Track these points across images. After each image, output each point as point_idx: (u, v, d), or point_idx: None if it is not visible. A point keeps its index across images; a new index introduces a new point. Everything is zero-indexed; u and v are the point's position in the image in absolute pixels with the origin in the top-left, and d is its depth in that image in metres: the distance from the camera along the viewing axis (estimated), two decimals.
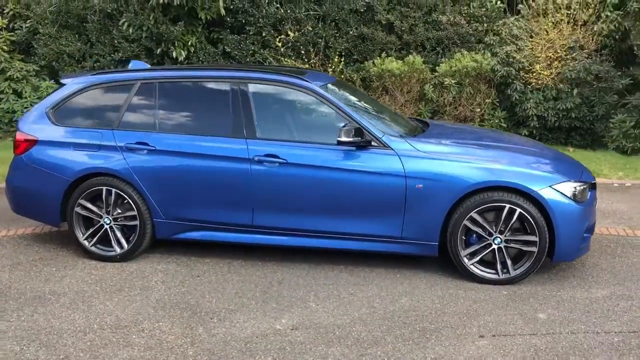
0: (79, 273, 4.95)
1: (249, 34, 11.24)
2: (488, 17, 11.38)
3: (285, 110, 5.14)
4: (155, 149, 4.98)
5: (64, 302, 4.41)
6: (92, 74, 5.41)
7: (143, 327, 4.02)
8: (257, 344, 3.79)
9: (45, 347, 3.77)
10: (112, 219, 5.10)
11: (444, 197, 4.62)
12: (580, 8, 10.37)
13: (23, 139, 5.25)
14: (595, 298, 4.44)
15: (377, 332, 3.93)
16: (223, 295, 4.53)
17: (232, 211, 4.94)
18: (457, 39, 11.17)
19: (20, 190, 5.32)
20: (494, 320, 4.09)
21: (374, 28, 11.18)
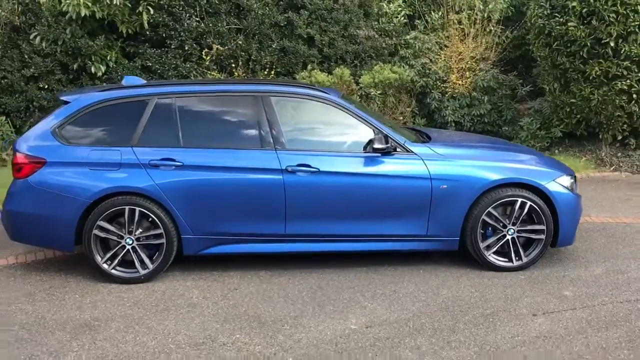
0: (109, 297, 4.77)
1: (170, 48, 11.08)
2: (396, 32, 12.17)
3: (309, 121, 5.33)
4: (183, 164, 4.95)
5: (119, 327, 4.26)
6: (99, 91, 5.22)
7: (223, 342, 4.03)
8: (346, 344, 3.97)
9: None
10: (134, 239, 4.96)
11: (465, 196, 5.08)
12: (470, 24, 11.45)
13: (27, 161, 4.95)
14: (597, 275, 5.13)
15: (447, 322, 4.27)
16: (274, 304, 4.62)
17: (264, 222, 5.04)
18: (372, 52, 11.83)
19: (25, 216, 5.00)
20: (533, 301, 4.60)
21: (295, 42, 11.51)
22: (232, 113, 5.20)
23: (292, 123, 5.20)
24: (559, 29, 9.49)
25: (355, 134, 5.18)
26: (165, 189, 4.91)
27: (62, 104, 5.20)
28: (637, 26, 8.85)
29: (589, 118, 9.87)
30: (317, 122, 5.34)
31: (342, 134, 5.26)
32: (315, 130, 5.35)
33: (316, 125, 5.35)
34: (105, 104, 5.09)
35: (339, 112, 5.20)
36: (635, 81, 9.14)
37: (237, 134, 5.17)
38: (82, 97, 5.12)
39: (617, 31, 8.94)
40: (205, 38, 11.23)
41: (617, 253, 5.65)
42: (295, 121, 5.25)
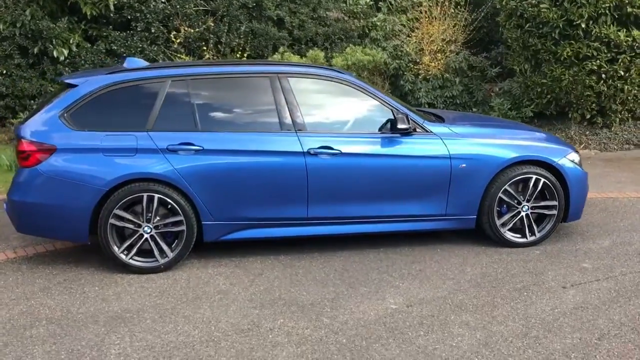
0: (131, 288, 4.61)
1: (136, 31, 10.72)
2: (364, 14, 12.18)
3: (327, 102, 5.26)
4: (203, 148, 4.80)
5: (154, 318, 4.12)
6: (108, 73, 4.99)
7: (270, 327, 3.96)
8: (394, 323, 3.97)
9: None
10: (152, 227, 4.80)
11: (483, 174, 5.16)
12: (434, 6, 11.57)
13: (35, 148, 4.69)
14: (606, 247, 5.32)
15: (483, 298, 4.34)
16: (305, 287, 4.58)
17: (285, 205, 4.96)
18: (342, 34, 11.80)
19: (35, 206, 4.74)
20: (557, 274, 4.74)
21: (265, 24, 11.34)
22: (249, 95, 5.07)
23: (311, 104, 5.12)
24: (531, 10, 9.71)
25: (374, 114, 5.16)
26: (185, 175, 4.75)
27: (67, 87, 4.93)
28: (607, 8, 9.14)
29: (560, 98, 10.17)
30: (335, 103, 5.28)
31: (361, 114, 5.23)
32: (334, 112, 5.29)
33: (334, 107, 5.29)
34: (117, 86, 4.87)
35: (357, 92, 5.17)
36: (605, 62, 9.47)
37: (255, 116, 5.06)
38: (90, 80, 4.87)
39: (588, 13, 9.22)
40: (172, 20, 10.91)
41: (616, 226, 5.87)
42: (314, 102, 5.17)
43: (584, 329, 3.82)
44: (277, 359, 3.58)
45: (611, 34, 9.25)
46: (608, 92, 9.73)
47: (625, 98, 9.83)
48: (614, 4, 9.15)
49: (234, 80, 5.07)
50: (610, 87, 9.67)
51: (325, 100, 5.26)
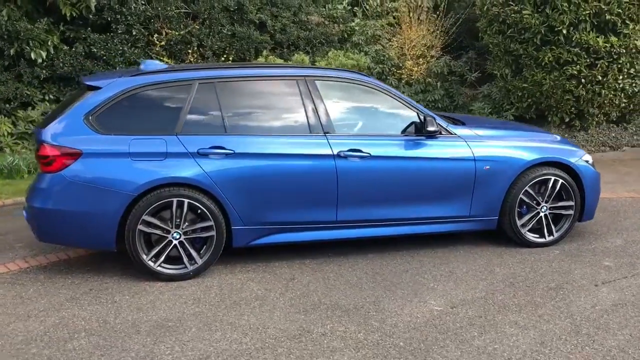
0: (163, 296, 4.48)
1: (116, 33, 10.47)
2: (343, 19, 12.24)
3: (354, 105, 5.26)
4: (234, 152, 4.72)
5: (198, 326, 4.02)
6: (132, 75, 4.84)
7: (321, 332, 3.92)
8: (445, 325, 3.99)
9: None
10: (181, 232, 4.68)
11: (506, 175, 5.25)
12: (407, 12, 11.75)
13: (59, 153, 4.50)
14: (621, 246, 5.48)
15: (522, 297, 4.41)
16: (342, 291, 4.55)
17: (315, 209, 4.93)
18: (323, 38, 11.82)
19: (59, 213, 4.55)
20: (584, 273, 4.85)
21: (247, 27, 11.27)
22: (277, 98, 5.02)
23: (337, 107, 5.10)
24: (513, 16, 9.95)
25: (398, 117, 5.18)
26: (216, 179, 4.66)
27: (89, 89, 4.77)
28: (587, 15, 9.45)
29: (540, 102, 10.45)
30: (360, 105, 5.29)
31: (386, 117, 5.25)
32: (360, 114, 5.29)
33: (360, 109, 5.30)
34: (143, 89, 4.73)
35: (381, 94, 5.18)
36: (584, 67, 9.77)
37: (284, 119, 5.00)
38: (116, 82, 4.72)
39: (569, 19, 9.51)
40: (154, 22, 10.70)
41: (622, 226, 6.06)
42: (340, 105, 5.16)
43: (631, 326, 3.93)
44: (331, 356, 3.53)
45: (590, 40, 9.56)
46: (586, 96, 10.05)
47: (602, 102, 10.17)
48: (594, 12, 9.46)
49: (261, 82, 5.01)
50: (589, 91, 9.99)
51: (351, 103, 5.25)
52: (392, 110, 5.21)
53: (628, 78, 9.95)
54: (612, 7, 9.36)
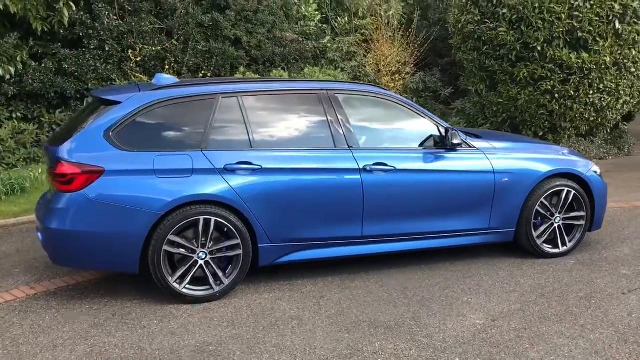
0: (193, 319, 4.29)
1: (89, 48, 10.16)
2: (316, 35, 12.28)
3: (373, 118, 5.21)
4: (262, 167, 4.59)
5: (242, 349, 3.85)
6: (153, 89, 4.65)
7: (372, 350, 3.82)
8: (493, 338, 3.95)
9: None
10: (207, 252, 4.51)
11: (523, 187, 5.30)
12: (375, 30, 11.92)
13: (80, 171, 4.27)
14: (630, 254, 5.60)
15: (558, 307, 4.43)
16: (377, 307, 4.46)
17: (341, 224, 4.84)
18: (297, 55, 11.80)
19: (80, 235, 4.30)
20: (607, 282, 4.93)
21: (222, 43, 11.14)
22: (301, 112, 4.93)
23: (359, 121, 5.04)
24: (489, 33, 10.19)
25: (419, 130, 5.17)
26: (243, 195, 4.51)
27: (106, 104, 4.55)
28: (561, 32, 9.77)
29: (515, 116, 10.70)
30: (381, 119, 5.25)
31: (406, 130, 5.22)
32: (381, 128, 5.25)
33: (381, 123, 5.26)
34: (165, 103, 4.56)
35: (400, 108, 5.18)
36: (558, 82, 10.08)
37: (308, 133, 4.91)
38: (136, 97, 4.53)
39: (543, 36, 9.80)
40: (127, 38, 10.43)
41: (624, 235, 6.21)
42: (362, 119, 5.10)
43: None
44: None
45: (564, 56, 9.87)
46: (559, 110, 10.36)
47: (574, 116, 10.49)
48: (567, 29, 9.78)
49: (284, 96, 4.91)
50: (561, 106, 10.30)
51: (371, 116, 5.21)
52: (411, 123, 5.20)
53: (597, 93, 10.30)
54: (583, 24, 9.70)
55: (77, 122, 4.67)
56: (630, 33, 9.92)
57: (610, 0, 9.63)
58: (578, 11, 9.64)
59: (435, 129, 5.15)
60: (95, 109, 4.61)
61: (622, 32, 9.89)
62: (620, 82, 10.34)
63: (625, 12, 9.78)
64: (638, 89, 10.82)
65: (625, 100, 10.67)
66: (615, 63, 10.11)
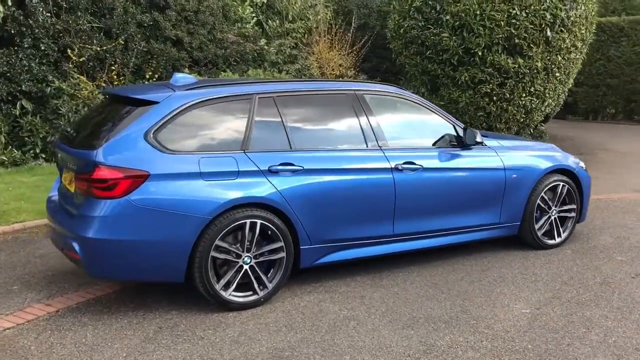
0: (248, 326, 4.15)
1: (22, 47, 9.47)
2: (254, 37, 12.22)
3: (397, 118, 5.29)
4: (303, 168, 4.53)
5: (320, 352, 3.79)
6: (189, 89, 4.45)
7: (445, 345, 3.89)
8: (549, 325, 4.15)
9: None
10: (252, 256, 4.39)
11: (528, 183, 5.61)
12: (303, 35, 12.12)
13: (122, 175, 4.00)
14: (614, 242, 6.08)
15: (588, 294, 4.73)
16: (423, 303, 4.53)
17: (374, 223, 4.88)
18: (238, 56, 11.68)
19: (124, 244, 4.03)
20: (612, 267, 5.32)
21: (163, 44, 10.80)
22: (333, 112, 4.92)
23: (385, 120, 5.10)
24: (433, 39, 10.61)
25: (438, 129, 5.33)
26: (288, 197, 4.43)
27: (140, 104, 4.30)
28: (500, 38, 10.37)
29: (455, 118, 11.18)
30: (403, 118, 5.34)
31: (427, 129, 5.35)
32: (405, 127, 5.34)
33: (404, 122, 5.35)
34: (203, 104, 4.38)
35: (420, 108, 5.32)
36: (496, 85, 10.69)
37: (342, 133, 4.91)
38: (174, 96, 4.31)
39: (484, 42, 10.36)
40: (64, 37, 9.81)
41: (600, 225, 6.67)
42: (387, 118, 5.15)
43: None
44: None
45: (502, 61, 10.48)
46: (496, 112, 10.98)
47: (508, 117, 11.17)
48: (505, 35, 10.40)
49: (317, 97, 4.87)
50: (498, 108, 10.92)
51: (394, 116, 5.28)
52: (429, 121, 5.34)
53: (529, 96, 11.02)
54: (520, 32, 10.35)
55: (102, 122, 4.37)
56: (558, 40, 10.71)
57: (543, 10, 10.33)
58: (515, 19, 10.26)
59: (451, 128, 5.31)
60: (122, 109, 4.32)
61: (552, 40, 10.65)
62: (547, 85, 11.13)
63: (555, 21, 10.55)
64: (559, 93, 11.70)
65: (548, 103, 11.50)
66: (544, 68, 10.86)
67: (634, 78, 18.25)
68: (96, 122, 4.56)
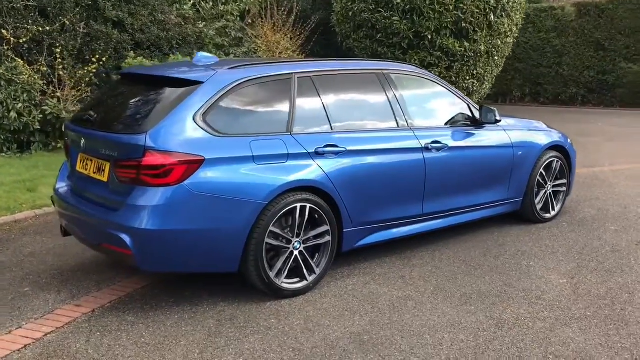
0: (312, 313, 4.02)
1: None
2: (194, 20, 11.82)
3: (419, 97, 5.28)
4: (346, 149, 4.45)
5: (407, 335, 3.78)
6: (230, 68, 4.22)
7: (514, 317, 3.98)
8: (594, 293, 4.33)
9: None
10: (301, 241, 4.28)
11: (531, 159, 5.83)
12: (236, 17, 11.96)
13: (176, 161, 3.75)
14: (598, 214, 6.44)
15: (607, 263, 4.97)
16: (464, 280, 4.58)
17: (406, 203, 4.89)
18: (180, 39, 11.27)
19: (182, 233, 3.77)
20: (611, 237, 5.63)
21: (104, 25, 10.20)
22: (365, 92, 4.85)
23: (409, 100, 5.10)
24: (383, 22, 10.73)
25: (454, 108, 5.39)
26: (334, 179, 4.33)
27: (183, 84, 4.03)
28: (449, 22, 10.68)
29: None
30: (424, 98, 5.34)
31: (445, 108, 5.38)
32: (427, 107, 5.34)
33: (424, 101, 5.35)
34: (246, 84, 4.16)
35: (438, 87, 5.36)
36: (444, 68, 11.00)
37: (375, 113, 4.85)
38: (218, 76, 4.07)
39: (433, 26, 10.62)
40: None
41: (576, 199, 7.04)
42: (411, 98, 5.14)
43: None
44: (570, 336, 3.67)
45: (450, 44, 10.80)
46: None
47: None
48: (453, 20, 10.71)
49: (349, 76, 4.78)
50: None
51: (417, 95, 5.28)
52: (447, 100, 5.39)
53: (472, 78, 11.44)
54: (467, 16, 10.70)
55: (137, 105, 4.07)
56: (499, 25, 11.17)
57: None
58: (463, 3, 10.58)
59: (466, 106, 5.39)
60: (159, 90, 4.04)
61: (494, 24, 11.08)
62: (487, 68, 11.60)
63: (497, 5, 10.98)
64: (494, 75, 12.23)
65: (486, 85, 11.99)
66: (487, 51, 11.30)
67: (539, 63, 19.37)
68: (129, 105, 4.21)
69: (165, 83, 4.07)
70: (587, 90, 18.58)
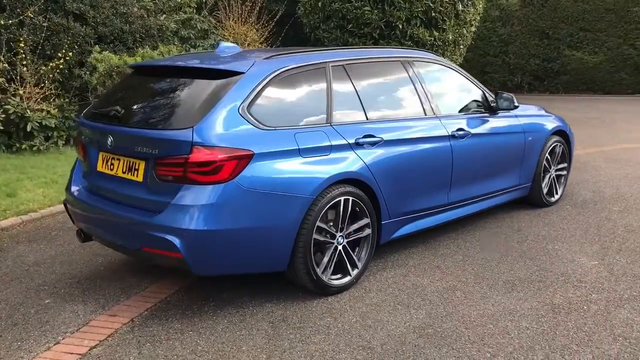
0: (364, 309, 3.91)
1: None
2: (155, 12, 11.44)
3: (440, 85, 5.20)
4: (382, 140, 4.34)
5: (471, 325, 3.71)
6: (267, 58, 4.02)
7: (559, 302, 3.98)
8: (629, 273, 4.41)
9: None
10: (344, 235, 4.15)
11: (538, 145, 5.89)
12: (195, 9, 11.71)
13: (226, 157, 3.54)
14: (595, 197, 6.59)
15: (627, 243, 5.08)
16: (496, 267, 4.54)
17: (435, 193, 4.82)
18: (144, 32, 10.87)
19: (236, 233, 3.57)
20: (618, 217, 5.75)
21: (65, 18, 9.71)
22: (393, 80, 4.73)
23: (433, 87, 5.02)
24: (354, 12, 10.65)
25: (470, 94, 5.37)
26: (374, 170, 4.22)
27: (221, 75, 3.81)
28: (419, 12, 10.70)
29: None
30: (444, 85, 5.26)
31: (463, 95, 5.35)
32: (446, 93, 5.26)
33: (444, 88, 5.26)
34: (285, 74, 3.98)
35: (455, 74, 5.31)
36: None
37: (404, 102, 4.73)
38: (258, 67, 3.87)
39: (404, 15, 10.63)
40: None
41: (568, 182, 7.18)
42: (434, 85, 5.06)
43: None
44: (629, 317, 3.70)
45: (420, 34, 10.84)
46: None
47: None
48: (423, 9, 10.74)
49: (377, 64, 4.66)
50: None
51: (437, 82, 5.19)
52: (464, 87, 5.35)
53: None
54: (436, 5, 10.76)
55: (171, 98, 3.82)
56: (466, 14, 11.29)
57: None
58: None
59: (481, 93, 5.38)
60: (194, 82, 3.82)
61: (461, 13, 11.20)
62: (453, 57, 11.71)
63: None
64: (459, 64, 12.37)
65: None
66: (454, 40, 11.41)
67: (486, 52, 19.80)
68: (163, 99, 3.93)
69: (199, 75, 3.84)
70: (533, 78, 19.13)
